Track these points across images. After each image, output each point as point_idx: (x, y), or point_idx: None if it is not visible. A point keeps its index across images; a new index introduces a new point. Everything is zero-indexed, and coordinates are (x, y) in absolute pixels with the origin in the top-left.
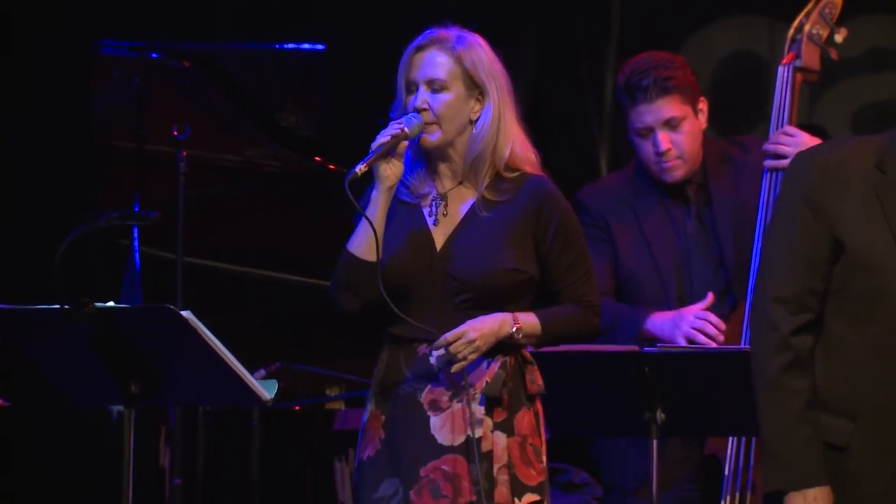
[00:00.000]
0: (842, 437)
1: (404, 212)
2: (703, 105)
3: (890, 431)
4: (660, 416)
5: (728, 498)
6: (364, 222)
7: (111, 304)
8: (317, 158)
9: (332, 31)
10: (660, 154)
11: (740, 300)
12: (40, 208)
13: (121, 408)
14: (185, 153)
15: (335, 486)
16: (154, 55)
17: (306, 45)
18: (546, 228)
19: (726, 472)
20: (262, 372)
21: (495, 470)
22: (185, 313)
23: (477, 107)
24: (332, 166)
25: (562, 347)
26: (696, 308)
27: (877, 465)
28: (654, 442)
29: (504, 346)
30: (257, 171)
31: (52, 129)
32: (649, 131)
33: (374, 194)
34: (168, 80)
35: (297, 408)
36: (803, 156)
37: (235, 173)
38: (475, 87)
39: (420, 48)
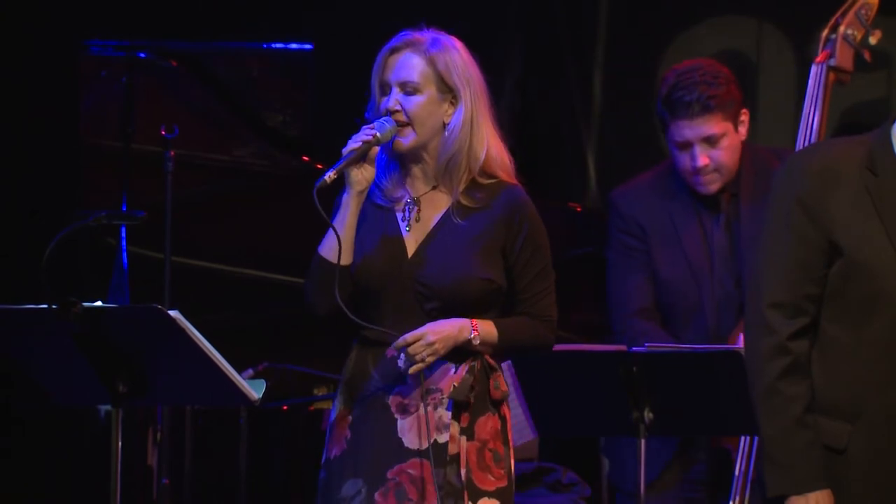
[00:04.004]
0: (840, 440)
1: (378, 215)
2: (744, 117)
3: (888, 434)
4: (648, 415)
5: (737, 498)
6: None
7: (99, 303)
8: (304, 158)
9: (320, 30)
10: (697, 169)
11: None
12: (28, 208)
13: (108, 407)
14: (172, 152)
15: None
16: (142, 54)
17: (294, 45)
18: (516, 237)
19: (736, 473)
20: (250, 371)
21: (463, 474)
22: (172, 313)
23: (450, 110)
24: (319, 165)
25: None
26: None
27: (875, 468)
28: (643, 442)
29: (468, 351)
30: (245, 170)
31: (40, 128)
32: (688, 145)
33: (345, 198)
34: (156, 79)
35: (285, 407)
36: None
37: (223, 172)
38: (448, 91)
39: (394, 50)
